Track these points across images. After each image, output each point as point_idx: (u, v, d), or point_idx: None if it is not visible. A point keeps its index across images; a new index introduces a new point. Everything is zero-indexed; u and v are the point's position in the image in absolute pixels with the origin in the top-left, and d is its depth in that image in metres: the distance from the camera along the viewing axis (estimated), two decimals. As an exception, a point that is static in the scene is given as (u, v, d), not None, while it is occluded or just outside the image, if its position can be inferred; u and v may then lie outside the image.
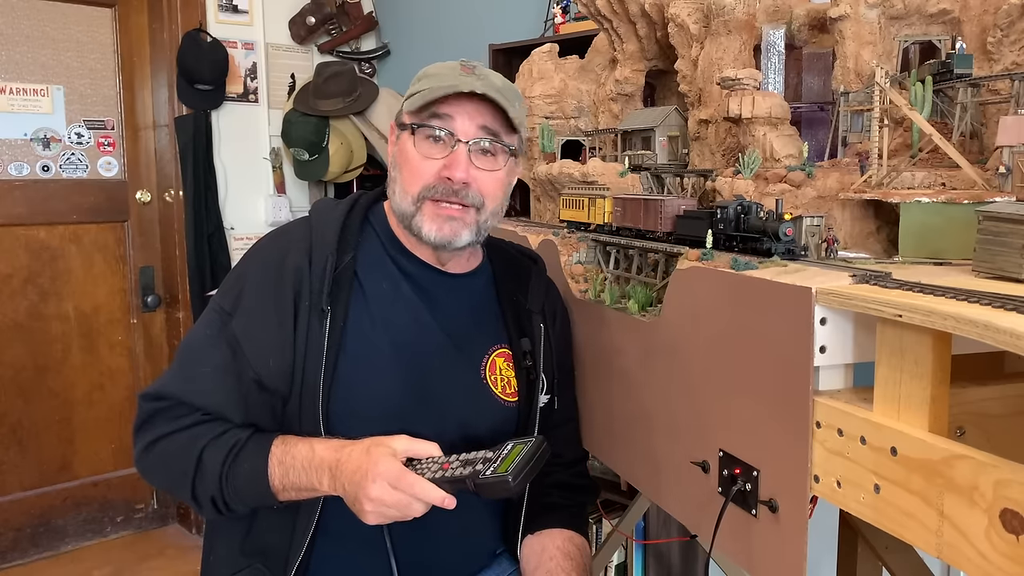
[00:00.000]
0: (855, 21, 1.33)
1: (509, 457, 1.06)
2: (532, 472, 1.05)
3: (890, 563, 1.50)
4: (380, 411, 1.20)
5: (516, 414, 1.31)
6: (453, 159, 1.20)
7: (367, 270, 1.27)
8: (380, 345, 1.23)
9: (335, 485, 1.10)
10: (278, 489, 1.14)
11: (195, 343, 1.23)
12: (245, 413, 1.19)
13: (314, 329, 1.18)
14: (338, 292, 1.21)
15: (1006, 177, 1.04)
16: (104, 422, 3.25)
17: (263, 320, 1.20)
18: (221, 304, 1.23)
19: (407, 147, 1.24)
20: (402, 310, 1.26)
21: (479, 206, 1.23)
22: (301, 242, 1.23)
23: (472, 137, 1.21)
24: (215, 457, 1.14)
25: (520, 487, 1.03)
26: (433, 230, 1.21)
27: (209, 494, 1.16)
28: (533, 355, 1.33)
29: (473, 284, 1.36)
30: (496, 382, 1.31)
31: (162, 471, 1.21)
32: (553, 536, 1.33)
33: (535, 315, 1.35)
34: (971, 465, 0.70)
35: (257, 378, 1.18)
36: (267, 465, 1.13)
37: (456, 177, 1.20)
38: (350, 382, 1.20)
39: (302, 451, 1.13)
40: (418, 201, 1.22)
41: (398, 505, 1.05)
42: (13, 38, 3.00)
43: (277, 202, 3.48)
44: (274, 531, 1.22)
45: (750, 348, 0.97)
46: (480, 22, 3.19)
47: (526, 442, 1.10)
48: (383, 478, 1.04)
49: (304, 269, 1.21)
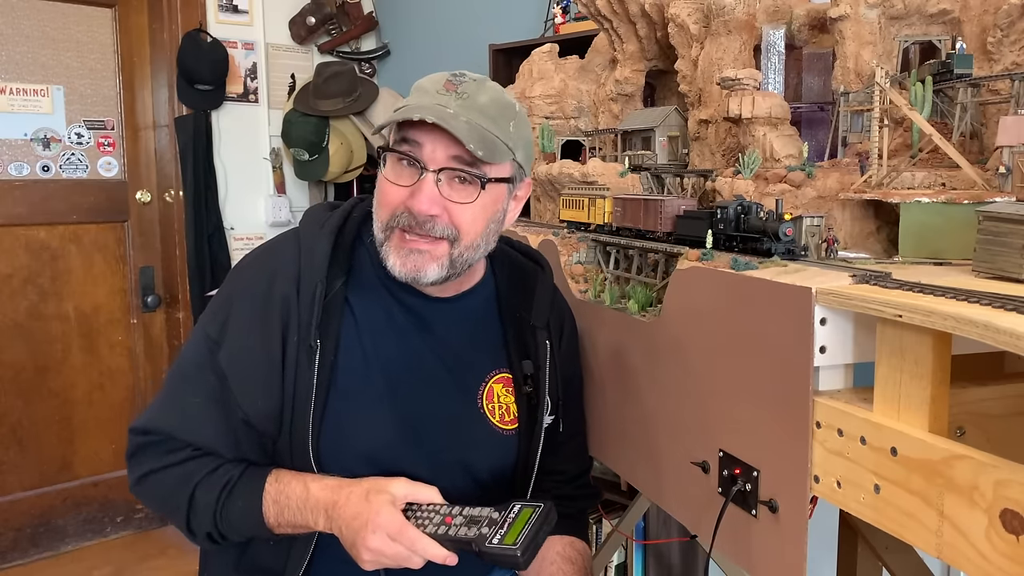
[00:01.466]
0: (855, 21, 1.33)
1: (517, 524, 1.03)
2: (540, 543, 1.02)
3: (890, 563, 1.50)
4: (373, 450, 1.17)
5: (516, 441, 1.27)
6: (416, 188, 1.09)
7: (359, 295, 1.20)
8: (372, 379, 1.18)
9: (331, 526, 1.08)
10: (273, 526, 1.12)
11: (183, 372, 1.19)
12: (236, 448, 1.16)
13: (303, 365, 1.13)
14: (328, 321, 1.15)
15: (1006, 177, 1.04)
16: (104, 422, 3.25)
17: (250, 356, 1.14)
18: (207, 331, 1.17)
19: (381, 171, 1.14)
20: (394, 339, 1.20)
21: (452, 239, 1.12)
22: (289, 265, 1.16)
23: (440, 166, 1.09)
24: (208, 495, 1.12)
25: (528, 562, 1.00)
26: (398, 265, 1.13)
27: (205, 530, 1.14)
28: (536, 379, 1.26)
29: (471, 304, 1.27)
30: (494, 411, 1.25)
31: (157, 504, 1.20)
32: (554, 542, 1.31)
33: (540, 331, 1.28)
34: (971, 465, 0.70)
35: (245, 418, 1.14)
36: (261, 504, 1.11)
37: (419, 209, 1.09)
38: (341, 420, 1.16)
39: (296, 490, 1.10)
40: (386, 230, 1.13)
41: (396, 558, 1.03)
42: (13, 38, 3.00)
43: (277, 202, 3.48)
44: (270, 555, 1.20)
45: (750, 348, 0.97)
46: (480, 22, 3.19)
47: (534, 508, 1.06)
48: (383, 530, 1.02)
49: (292, 298, 1.14)
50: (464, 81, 1.13)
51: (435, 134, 1.08)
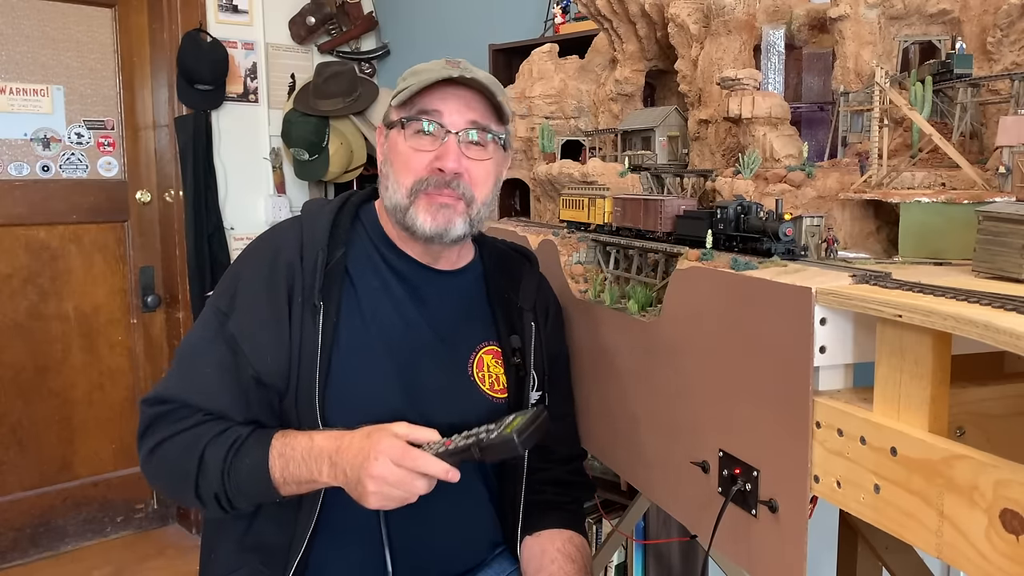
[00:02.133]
0: (855, 21, 1.33)
1: (511, 423, 1.08)
2: (535, 435, 1.07)
3: (890, 563, 1.50)
4: (374, 406, 1.21)
5: (506, 409, 1.31)
6: (444, 150, 1.22)
7: (357, 266, 1.28)
8: (371, 342, 1.25)
9: (335, 473, 1.10)
10: (279, 483, 1.14)
11: (194, 345, 1.25)
12: (246, 411, 1.20)
13: (307, 324, 1.20)
14: (330, 287, 1.23)
15: (1006, 177, 1.04)
16: (104, 422, 3.25)
17: (259, 318, 1.21)
18: (217, 305, 1.25)
19: (397, 142, 1.25)
20: (391, 307, 1.28)
21: (469, 200, 1.25)
22: (292, 239, 1.26)
23: (461, 128, 1.23)
24: (217, 454, 1.15)
25: (525, 447, 1.06)
26: (428, 220, 1.23)
27: (212, 491, 1.16)
28: (523, 352, 1.34)
29: (462, 281, 1.37)
30: (484, 379, 1.32)
31: (166, 473, 1.22)
32: (553, 537, 1.32)
33: (526, 312, 1.36)
34: (971, 465, 0.70)
35: (256, 375, 1.20)
36: (268, 459, 1.14)
37: (448, 167, 1.22)
38: (344, 376, 1.21)
39: (302, 442, 1.14)
40: (411, 195, 1.23)
41: (401, 482, 1.05)
42: (13, 38, 3.00)
43: (277, 202, 3.48)
44: (274, 529, 1.22)
45: (750, 348, 0.97)
46: (480, 22, 3.19)
47: (524, 412, 1.12)
48: (386, 455, 1.05)
49: (296, 265, 1.23)
50: (461, 61, 1.24)
51: (455, 102, 1.23)
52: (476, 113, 1.24)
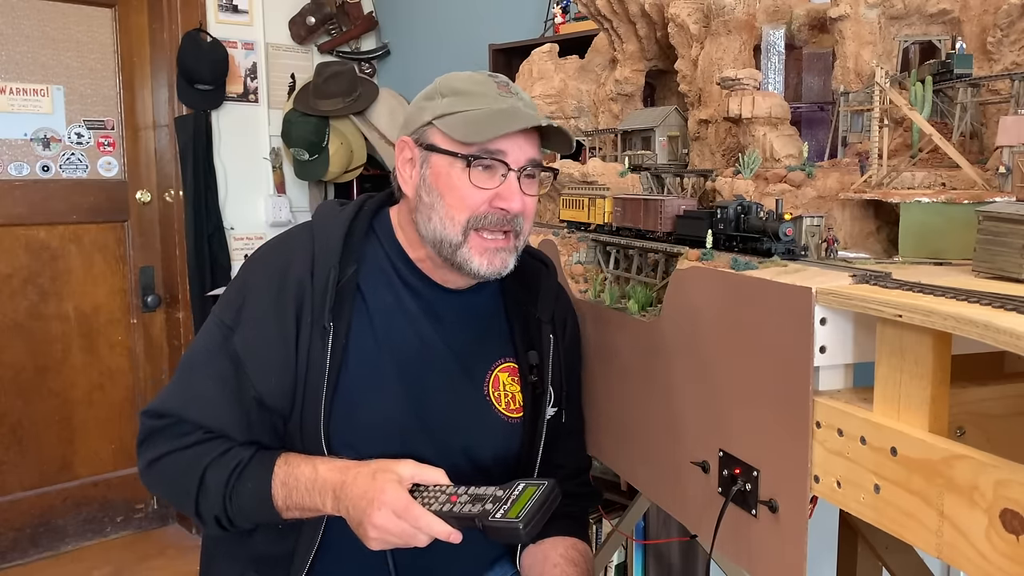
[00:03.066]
0: (855, 21, 1.33)
1: (520, 500, 1.04)
2: (542, 520, 1.03)
3: (890, 563, 1.50)
4: (382, 430, 1.19)
5: (520, 429, 1.29)
6: (507, 190, 1.18)
7: (370, 282, 1.24)
8: (382, 363, 1.21)
9: (338, 507, 1.09)
10: (281, 508, 1.13)
11: (196, 357, 1.22)
12: (247, 430, 1.17)
13: (316, 345, 1.16)
14: (340, 306, 1.18)
15: (1006, 177, 1.04)
16: (104, 422, 3.25)
17: (265, 337, 1.17)
18: (222, 317, 1.21)
19: (450, 174, 1.18)
20: (405, 325, 1.24)
21: (518, 232, 1.22)
22: (304, 253, 1.20)
23: (522, 165, 1.19)
24: (218, 477, 1.13)
25: (530, 536, 1.01)
26: (484, 264, 1.19)
27: (213, 513, 1.15)
28: (540, 369, 1.30)
29: (479, 297, 1.31)
30: (499, 398, 1.29)
31: (165, 488, 1.21)
32: (556, 544, 1.31)
33: (545, 325, 1.32)
34: (971, 465, 0.70)
35: (259, 396, 1.17)
36: (271, 486, 1.12)
37: (513, 209, 1.18)
38: (352, 400, 1.18)
39: (305, 472, 1.12)
40: (466, 231, 1.18)
41: (402, 535, 1.04)
42: (13, 38, 3.00)
43: (277, 202, 3.48)
44: (276, 542, 1.21)
45: (750, 348, 0.97)
46: (480, 22, 3.19)
47: (538, 485, 1.06)
48: (388, 507, 1.03)
49: (306, 282, 1.18)
50: (510, 83, 1.23)
51: (517, 138, 1.18)
52: (534, 150, 1.21)
